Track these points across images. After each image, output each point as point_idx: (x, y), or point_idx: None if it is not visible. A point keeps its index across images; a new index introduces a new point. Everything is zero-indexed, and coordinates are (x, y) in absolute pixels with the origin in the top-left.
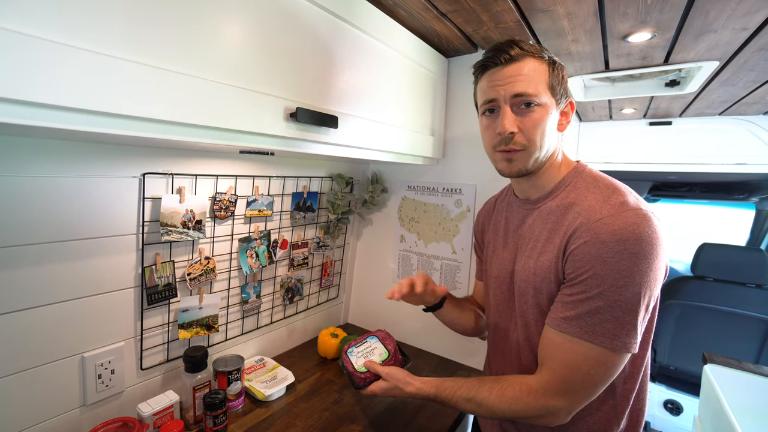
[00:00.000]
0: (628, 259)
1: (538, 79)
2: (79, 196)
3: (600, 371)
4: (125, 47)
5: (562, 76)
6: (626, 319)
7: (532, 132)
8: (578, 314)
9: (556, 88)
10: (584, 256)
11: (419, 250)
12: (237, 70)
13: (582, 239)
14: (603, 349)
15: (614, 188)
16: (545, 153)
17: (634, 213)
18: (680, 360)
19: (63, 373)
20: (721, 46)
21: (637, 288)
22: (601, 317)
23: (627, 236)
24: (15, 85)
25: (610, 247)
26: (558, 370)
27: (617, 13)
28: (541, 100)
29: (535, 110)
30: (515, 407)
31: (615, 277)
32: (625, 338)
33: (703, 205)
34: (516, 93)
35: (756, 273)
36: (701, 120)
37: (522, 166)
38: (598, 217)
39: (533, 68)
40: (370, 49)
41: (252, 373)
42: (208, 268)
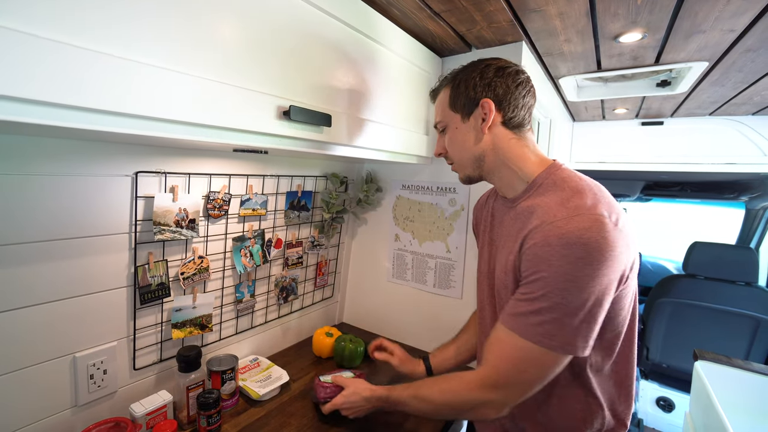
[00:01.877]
0: (572, 263)
1: (443, 105)
2: (70, 195)
3: (535, 369)
4: (117, 44)
5: (464, 88)
6: (567, 321)
7: (451, 150)
8: (523, 312)
9: (457, 102)
10: (533, 258)
11: (414, 249)
12: (229, 67)
13: (533, 240)
14: (540, 347)
15: (576, 191)
16: (474, 159)
17: (586, 217)
18: (672, 357)
19: (54, 373)
20: (710, 47)
21: (581, 293)
22: (542, 318)
23: (573, 241)
24: (12, 81)
25: (556, 250)
26: (495, 364)
27: (608, 14)
28: (447, 121)
29: (448, 132)
30: (452, 399)
31: (558, 281)
32: (564, 339)
33: (694, 204)
34: (435, 123)
35: (746, 271)
36: (692, 120)
37: (463, 174)
38: (551, 220)
39: (441, 98)
40: (364, 48)
41: (246, 372)
42: (201, 267)
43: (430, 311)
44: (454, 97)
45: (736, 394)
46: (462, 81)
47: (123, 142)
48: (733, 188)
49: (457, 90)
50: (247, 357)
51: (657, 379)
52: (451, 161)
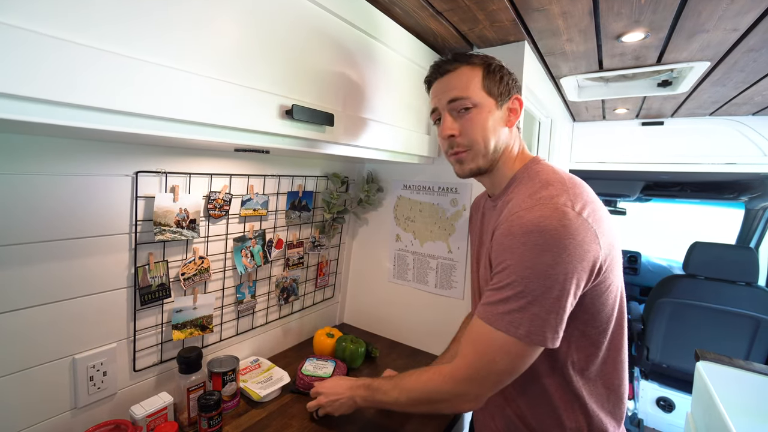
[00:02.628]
0: (531, 250)
1: (471, 82)
2: (69, 195)
3: (504, 359)
4: (118, 42)
5: (500, 76)
6: (532, 309)
7: (472, 132)
8: (491, 302)
9: (492, 87)
10: (498, 248)
11: (415, 249)
12: (232, 66)
13: (498, 231)
14: (508, 337)
15: (545, 183)
16: (493, 149)
17: (545, 206)
18: (672, 358)
19: (53, 375)
20: (713, 47)
21: (543, 280)
22: (509, 306)
23: (531, 228)
24: (15, 79)
25: (517, 239)
26: (468, 355)
27: (611, 13)
28: (476, 101)
29: (472, 111)
30: (427, 390)
31: (520, 268)
32: (530, 328)
33: (694, 204)
34: (450, 99)
35: (746, 271)
36: (692, 120)
37: (473, 165)
38: (515, 211)
39: (466, 74)
40: (366, 47)
41: (247, 373)
42: (202, 267)
43: (431, 312)
44: (490, 80)
45: (737, 395)
46: (498, 68)
47: (123, 141)
48: (732, 188)
49: (494, 74)
50: (248, 358)
51: (657, 380)
52: (461, 148)
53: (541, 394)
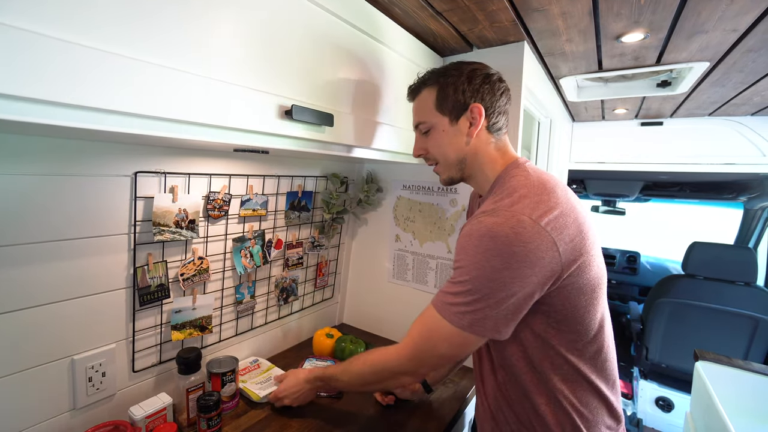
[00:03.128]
0: (482, 254)
1: (426, 105)
2: (68, 195)
3: (445, 345)
4: (116, 42)
5: (453, 91)
6: (478, 306)
7: (433, 151)
8: (445, 292)
9: (444, 106)
10: (458, 246)
11: (414, 249)
12: (232, 66)
13: (462, 230)
14: (452, 327)
15: (512, 190)
16: (458, 161)
17: (501, 213)
18: (671, 357)
19: (52, 376)
20: (712, 47)
21: (490, 282)
22: (458, 300)
23: (484, 233)
24: (12, 80)
25: (472, 241)
26: (415, 337)
27: (611, 13)
28: (431, 122)
29: (433, 133)
30: (374, 368)
31: (472, 269)
32: (472, 321)
33: (693, 204)
34: (414, 125)
35: (745, 271)
36: (691, 120)
37: (446, 176)
38: (477, 215)
39: (423, 98)
40: (366, 47)
41: (246, 374)
42: (201, 268)
43: None
44: (442, 99)
45: (737, 395)
46: (450, 84)
47: (122, 141)
48: (731, 188)
49: (445, 92)
50: (247, 359)
51: (656, 379)
52: (432, 162)
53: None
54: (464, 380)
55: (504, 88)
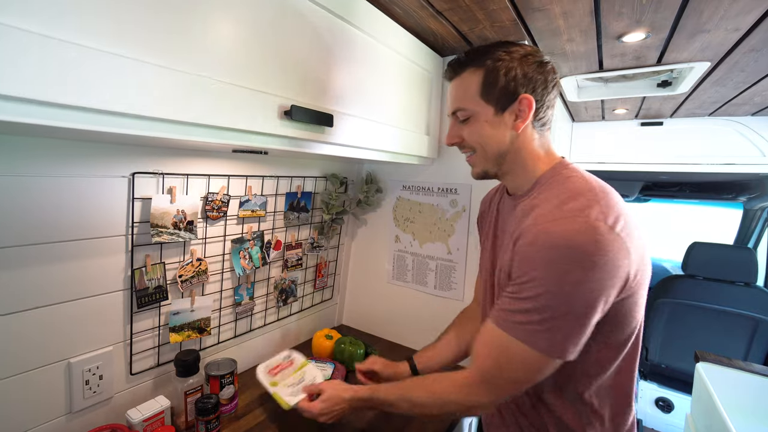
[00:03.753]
0: (558, 266)
1: (469, 91)
2: (65, 197)
3: (523, 370)
4: (113, 42)
5: (504, 75)
6: (555, 324)
7: (471, 141)
8: (511, 311)
9: (490, 93)
10: (523, 258)
11: (414, 250)
12: (230, 66)
13: (523, 239)
14: (527, 348)
15: (577, 193)
16: (497, 155)
17: (576, 220)
18: (671, 358)
19: (48, 379)
20: (713, 47)
21: (569, 297)
22: (531, 318)
23: (559, 243)
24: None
25: (543, 253)
26: (482, 364)
27: (612, 13)
28: (472, 110)
29: (473, 122)
30: (442, 401)
31: (546, 283)
32: (551, 342)
33: (693, 204)
34: (451, 111)
35: (744, 271)
36: (692, 121)
37: (480, 169)
38: (543, 221)
39: (466, 81)
40: (366, 47)
41: (279, 373)
42: (199, 269)
43: (430, 313)
44: (488, 85)
45: (737, 396)
46: (499, 69)
47: (118, 142)
48: (731, 188)
49: (493, 77)
50: (280, 354)
51: (656, 380)
52: (469, 150)
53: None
54: None
55: (556, 81)
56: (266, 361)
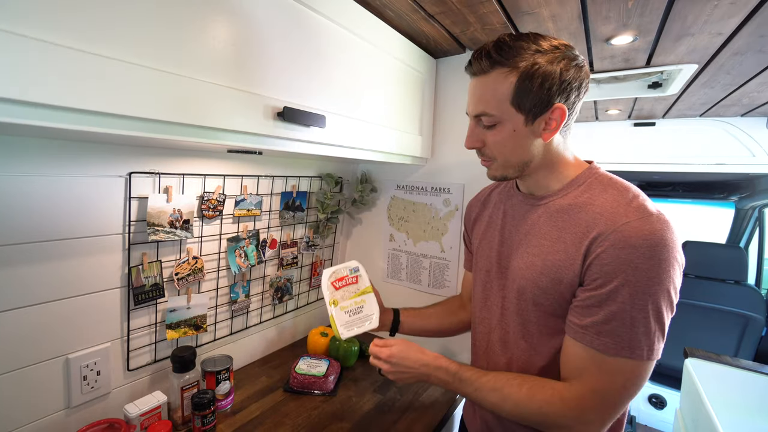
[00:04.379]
0: (658, 265)
1: (497, 94)
2: (62, 196)
3: (635, 382)
4: (110, 45)
5: (539, 82)
6: (657, 327)
7: (495, 149)
8: (611, 327)
9: (524, 101)
10: (613, 261)
11: (408, 249)
12: (224, 68)
13: (609, 242)
14: (637, 361)
15: (633, 192)
16: (521, 163)
17: (657, 218)
18: (664, 355)
19: (46, 375)
20: (699, 50)
21: (666, 294)
22: (635, 330)
23: (657, 241)
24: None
25: (642, 252)
26: (592, 384)
27: (600, 17)
28: (500, 118)
29: (496, 128)
30: (546, 411)
31: (647, 284)
32: (655, 346)
33: (686, 204)
34: (475, 114)
35: (735, 270)
36: (683, 121)
37: (497, 173)
38: (624, 220)
39: (495, 83)
40: (359, 50)
41: (341, 288)
42: (196, 267)
43: None
44: (522, 93)
45: (725, 390)
46: (536, 76)
47: (115, 143)
48: (722, 188)
49: (528, 85)
50: (348, 264)
51: (649, 377)
52: (488, 158)
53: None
54: None
55: (587, 85)
56: (332, 267)
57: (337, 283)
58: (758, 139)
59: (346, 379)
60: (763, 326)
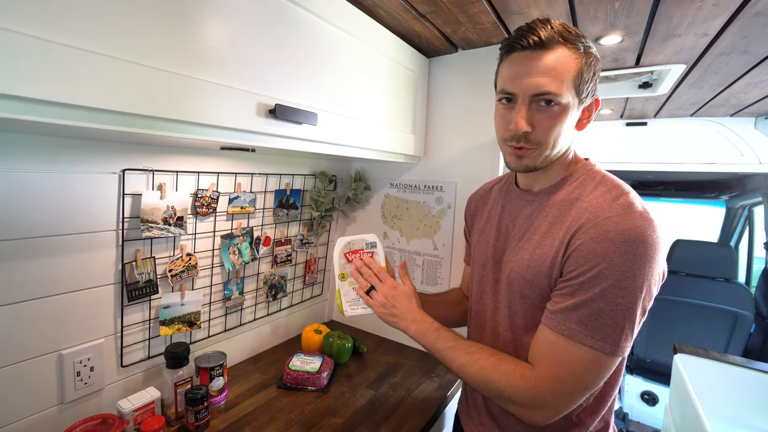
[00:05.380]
0: (633, 261)
1: (565, 74)
2: (56, 192)
3: (594, 374)
4: (103, 42)
5: (594, 72)
6: (625, 324)
7: (547, 132)
8: (578, 315)
9: (583, 85)
10: (589, 253)
11: (402, 246)
12: (215, 66)
13: (588, 235)
14: (599, 352)
15: (622, 189)
16: (557, 152)
17: (640, 216)
18: (656, 352)
19: (40, 371)
20: (686, 50)
21: (638, 291)
22: (602, 321)
23: (634, 237)
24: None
25: (618, 246)
26: (552, 368)
27: (588, 17)
28: (564, 99)
29: (555, 109)
30: (504, 383)
31: (619, 278)
32: (621, 342)
33: (678, 203)
34: (536, 93)
35: (725, 268)
36: (674, 121)
37: (531, 163)
38: (606, 215)
39: (562, 61)
40: (351, 48)
41: (353, 262)
42: (189, 264)
43: None
44: (585, 76)
45: (713, 385)
46: (593, 62)
47: (109, 139)
48: (713, 187)
49: (589, 70)
50: (365, 237)
51: (641, 374)
52: (532, 144)
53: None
54: (449, 374)
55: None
56: (349, 237)
57: (350, 255)
58: (747, 139)
59: (339, 376)
60: (752, 323)
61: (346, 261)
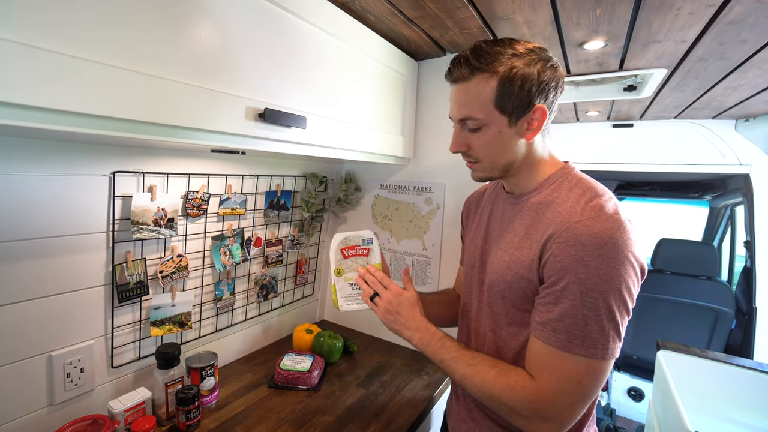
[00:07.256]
0: (606, 263)
1: (479, 98)
2: (47, 194)
3: (591, 380)
4: (90, 48)
5: (519, 87)
6: (611, 327)
7: (480, 151)
8: (565, 325)
9: (506, 103)
10: (565, 258)
11: (392, 246)
12: (204, 70)
13: (561, 239)
14: (592, 359)
15: (595, 193)
16: (505, 163)
17: (610, 218)
18: (642, 349)
19: (29, 372)
20: (667, 56)
21: (617, 294)
22: (589, 327)
23: (605, 240)
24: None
25: (590, 249)
26: (550, 379)
27: (571, 23)
28: (485, 121)
29: (481, 130)
30: (507, 395)
31: (596, 282)
32: (610, 345)
33: (663, 202)
34: (459, 118)
35: (707, 266)
36: (658, 123)
37: (481, 175)
38: (577, 219)
39: (477, 89)
40: (340, 52)
41: (349, 258)
42: (180, 265)
43: None
44: (504, 95)
45: (693, 380)
46: (516, 79)
47: (99, 142)
48: (696, 188)
49: (509, 87)
50: (362, 234)
51: (628, 371)
52: (473, 160)
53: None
54: (438, 372)
55: (563, 84)
56: (346, 233)
57: (346, 251)
58: (728, 141)
59: (330, 375)
60: (733, 319)
61: (342, 257)
